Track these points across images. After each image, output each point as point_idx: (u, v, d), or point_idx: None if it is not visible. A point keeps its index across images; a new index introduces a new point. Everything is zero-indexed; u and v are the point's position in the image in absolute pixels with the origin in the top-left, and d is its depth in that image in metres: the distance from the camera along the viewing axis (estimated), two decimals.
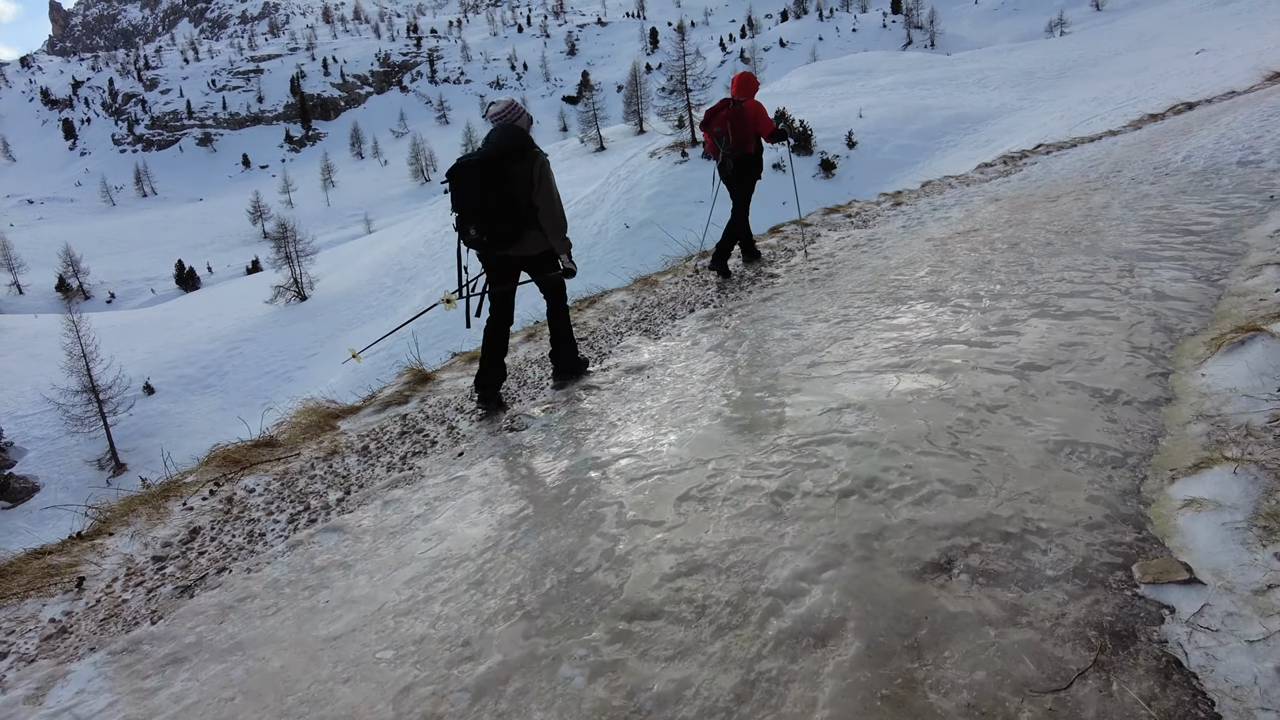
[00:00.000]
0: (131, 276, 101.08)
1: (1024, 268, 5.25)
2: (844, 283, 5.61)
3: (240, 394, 46.26)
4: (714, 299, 5.71)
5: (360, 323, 51.68)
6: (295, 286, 60.36)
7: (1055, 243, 5.82)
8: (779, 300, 5.44)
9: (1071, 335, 3.91)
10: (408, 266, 58.72)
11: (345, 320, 54.26)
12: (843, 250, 6.66)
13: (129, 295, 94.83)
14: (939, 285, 5.10)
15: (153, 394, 47.90)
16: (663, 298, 6.01)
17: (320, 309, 58.48)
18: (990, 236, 6.31)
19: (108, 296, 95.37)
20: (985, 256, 5.70)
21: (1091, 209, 6.77)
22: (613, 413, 3.80)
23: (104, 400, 43.98)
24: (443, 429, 3.93)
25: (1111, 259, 5.15)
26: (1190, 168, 7.68)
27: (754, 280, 6.07)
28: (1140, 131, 11.18)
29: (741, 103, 6.60)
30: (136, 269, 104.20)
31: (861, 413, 3.31)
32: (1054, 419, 3.07)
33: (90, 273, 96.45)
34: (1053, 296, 4.53)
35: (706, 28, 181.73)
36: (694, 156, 46.11)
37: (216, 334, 55.18)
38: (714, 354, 4.51)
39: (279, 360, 50.81)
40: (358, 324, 51.23)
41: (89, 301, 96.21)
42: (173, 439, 41.54)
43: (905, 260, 5.94)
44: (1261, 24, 49.09)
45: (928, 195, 8.93)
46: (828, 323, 4.66)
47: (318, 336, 52.76)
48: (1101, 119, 22.32)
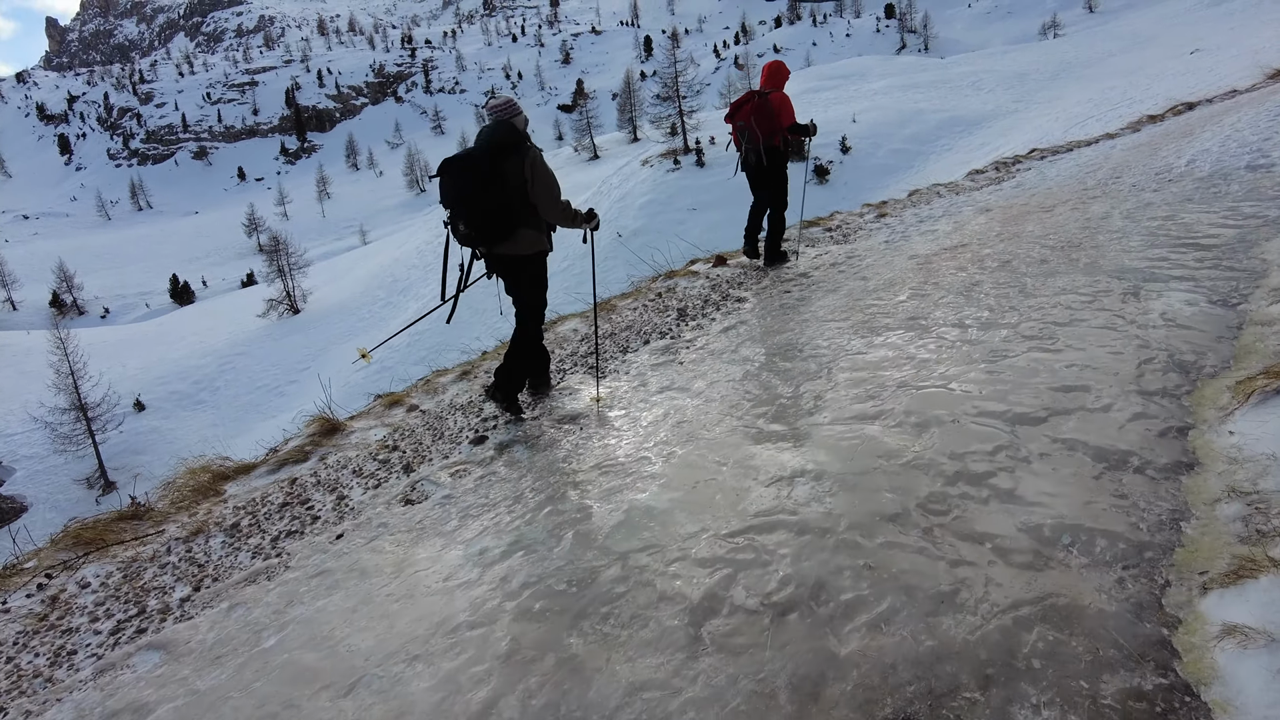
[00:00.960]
0: (126, 291, 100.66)
1: (1016, 290, 4.68)
2: (816, 309, 5.04)
3: (232, 409, 45.73)
4: (672, 328, 5.14)
5: (353, 335, 51.13)
6: (288, 299, 59.87)
7: (1051, 260, 5.25)
8: (741, 330, 4.87)
9: (1071, 376, 3.33)
10: (400, 278, 58.25)
11: (338, 333, 53.69)
12: (818, 270, 6.08)
13: (123, 310, 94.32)
14: (920, 312, 4.53)
15: (144, 410, 47.26)
16: (618, 326, 5.44)
17: (313, 322, 57.95)
18: (980, 253, 5.74)
19: (102, 311, 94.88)
20: (973, 277, 5.12)
21: (1090, 220, 6.20)
22: (528, 481, 3.22)
23: (93, 418, 43.41)
24: (330, 499, 3.34)
25: (1114, 279, 4.57)
26: (1195, 173, 7.12)
27: (719, 305, 5.50)
28: (1139, 134, 10.63)
29: (768, 94, 6.44)
30: (131, 283, 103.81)
31: (818, 483, 2.73)
32: (1051, 493, 2.49)
33: (84, 288, 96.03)
34: (1049, 326, 3.96)
35: (700, 34, 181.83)
36: (686, 164, 45.68)
37: (209, 348, 54.60)
38: (660, 399, 3.94)
39: (271, 374, 50.22)
40: (350, 336, 50.66)
41: (83, 317, 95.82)
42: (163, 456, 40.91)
43: (885, 282, 5.37)
44: (1255, 24, 48.77)
45: (914, 205, 8.37)
46: (792, 360, 4.08)
47: (310, 350, 52.20)
48: (1097, 120, 21.81)
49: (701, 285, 6.08)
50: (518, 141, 3.92)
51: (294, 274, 60.88)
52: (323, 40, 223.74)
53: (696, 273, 6.49)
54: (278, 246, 61.15)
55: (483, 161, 3.81)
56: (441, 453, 3.67)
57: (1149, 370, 3.29)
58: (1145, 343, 3.58)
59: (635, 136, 72.10)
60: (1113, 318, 3.95)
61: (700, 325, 5.10)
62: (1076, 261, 5.10)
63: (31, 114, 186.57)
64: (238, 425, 41.47)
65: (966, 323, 4.22)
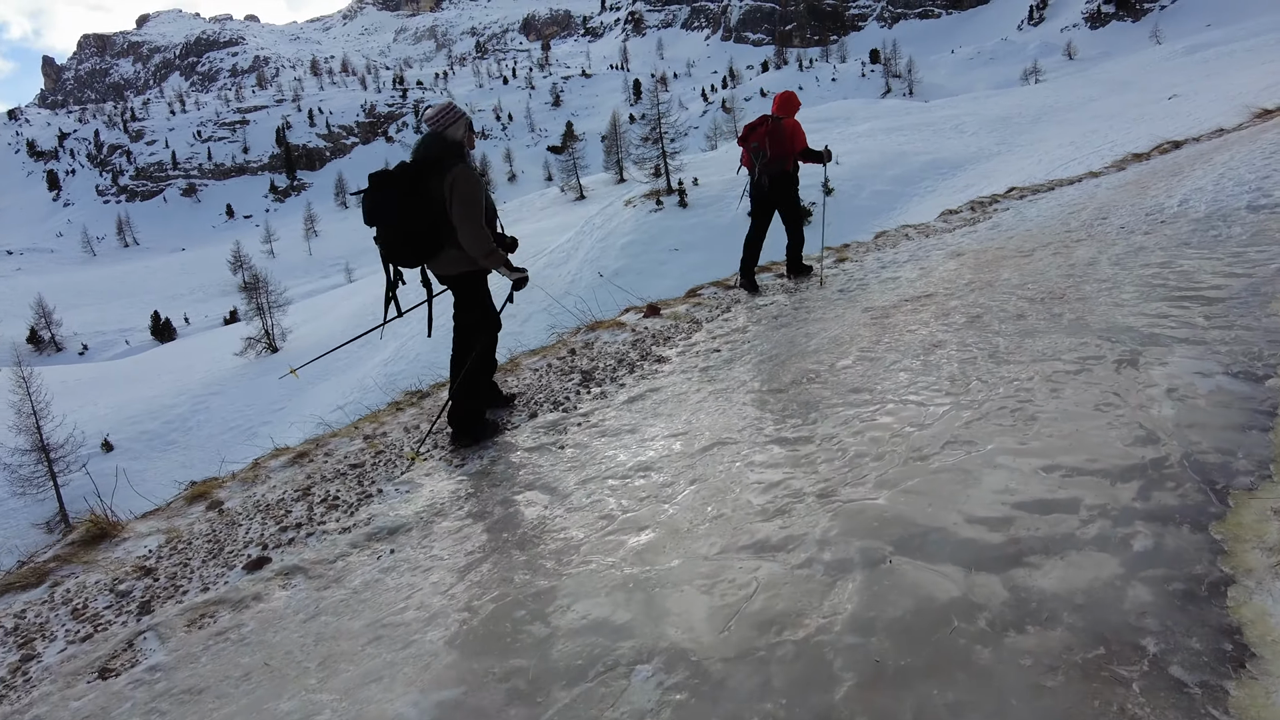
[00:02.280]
0: (106, 328, 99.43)
1: (986, 354, 3.78)
2: (743, 374, 4.12)
3: (203, 451, 44.39)
4: (570, 397, 4.20)
5: (330, 375, 50.06)
6: (266, 338, 58.85)
7: (1029, 315, 4.37)
8: (650, 401, 3.94)
9: (1051, 486, 2.42)
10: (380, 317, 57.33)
11: (316, 373, 52.57)
12: (758, 324, 5.18)
13: (103, 347, 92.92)
14: (865, 383, 3.62)
15: (111, 451, 45.78)
16: (511, 391, 4.51)
17: (291, 361, 56.86)
18: (946, 305, 4.86)
19: (80, 348, 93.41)
20: (935, 335, 4.23)
21: (1074, 266, 5.36)
22: (279, 642, 2.24)
23: (55, 459, 41.92)
24: (16, 658, 2.35)
25: (1105, 340, 3.69)
26: (1190, 213, 6.32)
27: (633, 367, 4.57)
28: (1124, 172, 9.93)
29: (780, 120, 6.60)
30: (112, 320, 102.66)
31: (665, 679, 1.76)
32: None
33: (64, 324, 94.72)
34: (1024, 406, 3.05)
35: (689, 79, 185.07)
36: (669, 205, 45.37)
37: (183, 387, 53.35)
38: (515, 502, 2.98)
39: (245, 415, 48.99)
40: (328, 376, 49.58)
41: (61, 353, 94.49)
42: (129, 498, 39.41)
43: (831, 340, 4.47)
44: (1230, 70, 49.61)
45: (878, 249, 7.53)
46: (692, 453, 3.15)
47: (285, 390, 51.07)
48: (1080, 163, 21.39)
49: (623, 340, 5.16)
50: (444, 156, 3.71)
51: (273, 312, 60.01)
52: (315, 80, 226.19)
53: (623, 324, 5.58)
54: (257, 284, 60.40)
55: (401, 180, 3.65)
56: (203, 581, 2.69)
57: (1159, 478, 2.38)
58: (1150, 433, 2.67)
59: (621, 177, 72.26)
60: (1106, 394, 3.05)
61: (604, 394, 4.16)
62: (1059, 317, 4.22)
63: (22, 150, 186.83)
64: (207, 466, 40.11)
65: (920, 399, 3.31)
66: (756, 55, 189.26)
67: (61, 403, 45.24)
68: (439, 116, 3.82)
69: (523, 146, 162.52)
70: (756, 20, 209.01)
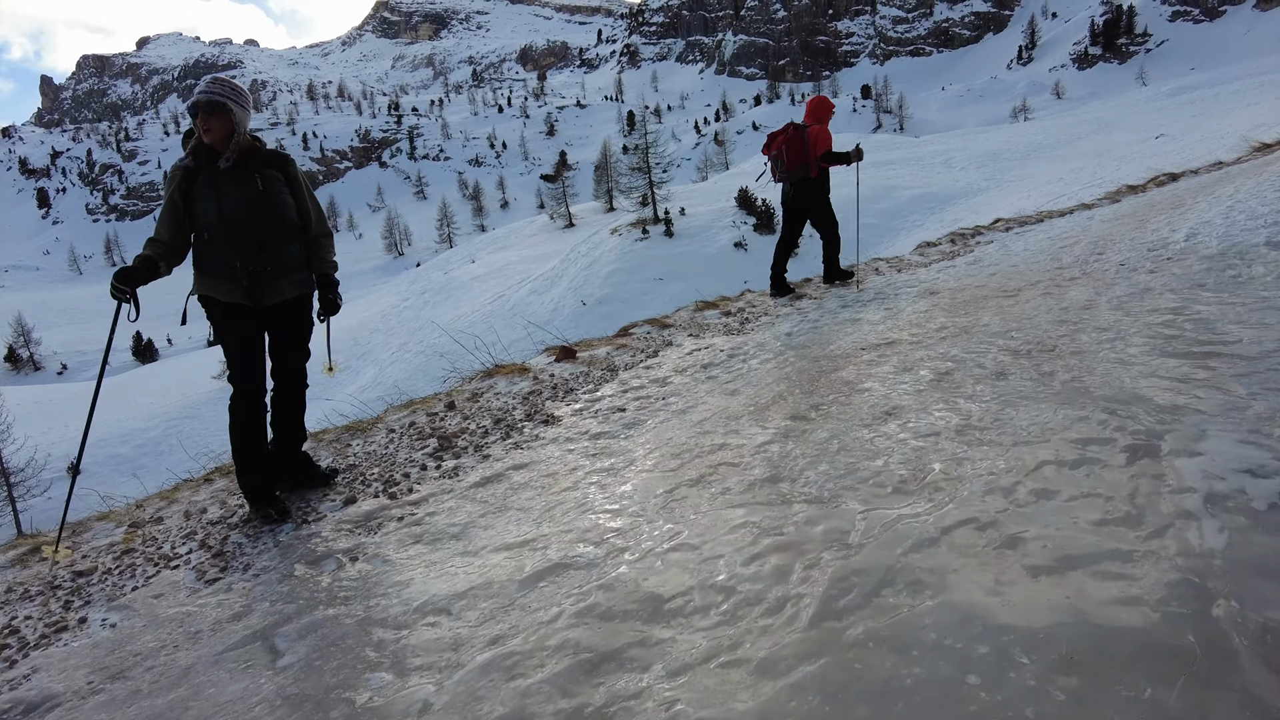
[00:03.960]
0: (87, 347, 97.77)
1: (953, 429, 2.83)
2: (637, 447, 3.15)
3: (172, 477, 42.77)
4: (411, 473, 3.21)
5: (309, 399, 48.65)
6: None
7: (1012, 372, 3.44)
8: (507, 485, 2.96)
9: (1048, 708, 1.44)
10: (361, 342, 56.56)
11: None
12: (682, 374, 4.22)
13: (82, 366, 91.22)
14: (787, 470, 2.66)
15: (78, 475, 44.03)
16: (354, 458, 3.53)
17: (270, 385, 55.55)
18: (911, 356, 3.92)
19: (59, 368, 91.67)
20: (892, 398, 3.28)
21: (1068, 310, 4.44)
22: None
23: (15, 483, 40.37)
24: None
25: (1110, 413, 2.75)
26: (1200, 250, 5.44)
27: (510, 431, 3.58)
28: (1119, 205, 9.11)
29: (805, 127, 6.58)
30: (93, 339, 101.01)
31: None
32: None
33: (43, 343, 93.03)
34: (999, 521, 2.10)
35: (683, 111, 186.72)
36: (655, 234, 44.76)
37: (158, 410, 51.82)
38: (225, 662, 1.98)
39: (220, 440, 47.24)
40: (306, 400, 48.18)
41: (39, 373, 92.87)
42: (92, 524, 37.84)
43: (757, 403, 3.51)
44: (1216, 111, 49.81)
45: (844, 285, 6.63)
46: (519, 580, 2.17)
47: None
48: (1069, 198, 20.75)
49: (518, 391, 4.19)
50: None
51: None
52: (311, 105, 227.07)
53: (528, 370, 4.62)
54: None
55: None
56: None
57: (1217, 683, 1.41)
58: (1192, 584, 1.71)
59: (611, 206, 71.86)
60: (1117, 506, 2.10)
61: (457, 470, 3.18)
62: (1050, 378, 3.28)
63: (14, 168, 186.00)
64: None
65: (854, 503, 2.35)
66: (750, 89, 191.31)
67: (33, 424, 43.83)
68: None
69: (516, 174, 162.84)
70: (750, 55, 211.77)
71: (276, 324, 3.11)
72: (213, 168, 2.90)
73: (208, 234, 2.90)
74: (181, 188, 2.89)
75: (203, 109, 2.87)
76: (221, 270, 2.92)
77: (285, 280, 3.05)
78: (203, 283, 2.97)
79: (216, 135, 2.90)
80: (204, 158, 2.91)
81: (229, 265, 2.90)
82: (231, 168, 2.91)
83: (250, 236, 2.92)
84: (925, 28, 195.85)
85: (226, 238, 2.89)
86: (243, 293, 2.93)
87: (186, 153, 2.94)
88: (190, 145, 2.95)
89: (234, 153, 2.92)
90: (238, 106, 2.93)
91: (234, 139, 2.92)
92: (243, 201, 2.90)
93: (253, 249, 2.92)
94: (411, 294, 61.20)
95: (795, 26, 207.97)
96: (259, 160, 3.00)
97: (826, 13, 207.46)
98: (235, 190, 2.90)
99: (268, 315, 3.06)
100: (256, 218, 2.93)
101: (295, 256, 3.10)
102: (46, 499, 43.03)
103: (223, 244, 2.90)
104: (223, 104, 2.88)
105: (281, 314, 3.09)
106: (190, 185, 2.89)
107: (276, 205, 2.99)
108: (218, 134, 2.90)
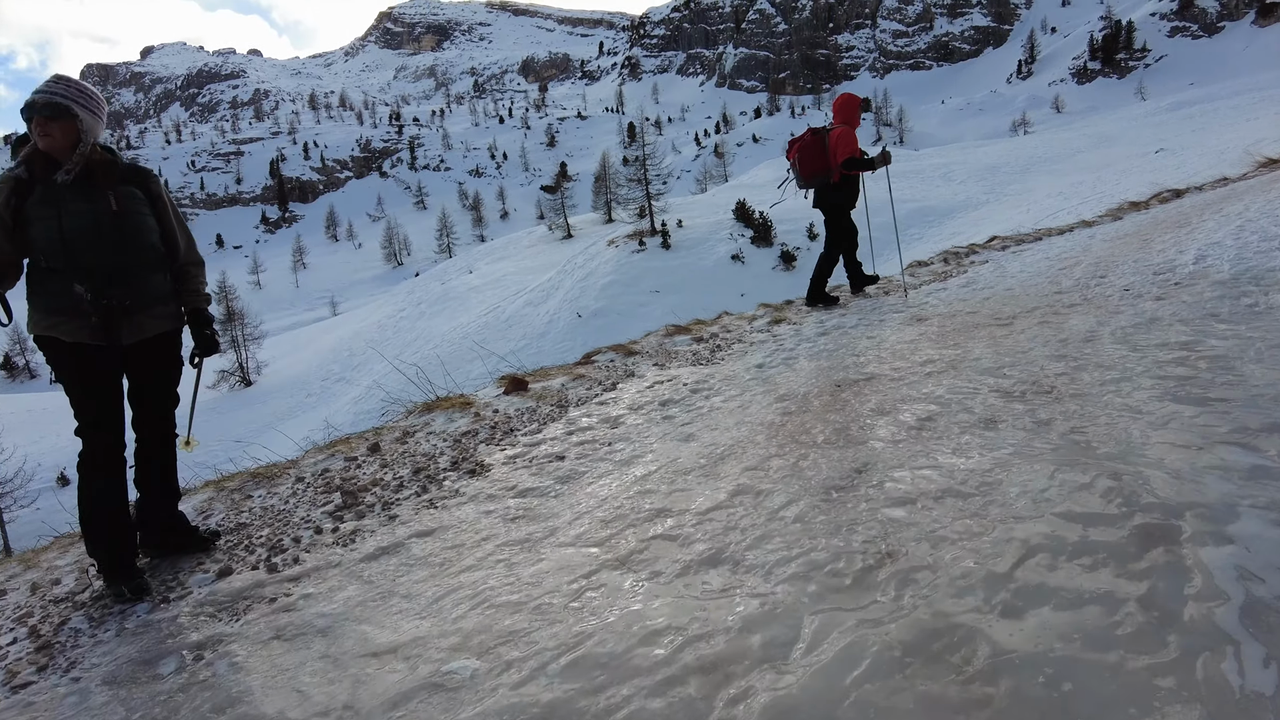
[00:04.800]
0: None
1: (931, 495, 2.38)
2: (569, 507, 2.71)
3: None
4: (303, 538, 2.77)
5: (301, 411, 48.39)
6: (241, 372, 57.22)
7: (1003, 420, 2.99)
8: (403, 558, 2.50)
9: None
10: (357, 353, 56.30)
11: (287, 408, 50.91)
12: (637, 413, 3.76)
13: None
14: (727, 542, 2.22)
15: (68, 485, 43.65)
16: (248, 517, 3.08)
17: (263, 396, 55.36)
18: (891, 397, 3.48)
19: (52, 377, 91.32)
20: (864, 450, 2.84)
21: (1067, 343, 4.00)
22: None
23: (2, 494, 39.86)
24: None
25: (1114, 479, 2.30)
26: (1212, 274, 5.00)
27: (429, 484, 3.12)
28: (1121, 222, 8.70)
29: (826, 131, 6.23)
30: None
31: None
32: None
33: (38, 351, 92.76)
34: (975, 634, 1.65)
35: (683, 123, 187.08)
36: (652, 246, 44.43)
37: None
38: None
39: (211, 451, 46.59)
40: (298, 413, 47.92)
41: (34, 381, 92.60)
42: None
43: (711, 453, 3.06)
44: (1215, 126, 49.66)
45: (826, 308, 6.19)
46: (375, 703, 1.72)
47: (255, 426, 49.28)
48: (1069, 212, 20.38)
49: (451, 432, 3.73)
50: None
51: (248, 345, 58.52)
52: (312, 114, 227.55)
53: (470, 404, 4.17)
54: (231, 318, 59.11)
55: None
56: None
57: None
58: None
59: (610, 217, 71.62)
60: (1126, 626, 1.65)
61: (355, 535, 2.73)
62: (1046, 428, 2.83)
63: None
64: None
65: (801, 598, 1.90)
66: (750, 101, 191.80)
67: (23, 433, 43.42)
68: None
69: (516, 185, 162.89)
70: (751, 68, 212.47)
71: (137, 365, 2.66)
72: (51, 182, 2.46)
73: (46, 261, 2.45)
74: (10, 203, 2.44)
75: (39, 112, 2.43)
76: (65, 304, 2.47)
77: (146, 315, 2.61)
78: (41, 320, 2.51)
79: (57, 144, 2.45)
80: (41, 169, 2.47)
81: (73, 298, 2.46)
82: (76, 182, 2.47)
83: (101, 264, 2.47)
84: (925, 41, 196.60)
85: (71, 265, 2.45)
86: (91, 331, 2.48)
87: (18, 161, 2.50)
88: (24, 153, 2.50)
89: (78, 164, 2.47)
90: (86, 112, 2.49)
91: (78, 149, 2.48)
92: (90, 223, 2.46)
93: (104, 279, 2.48)
94: (408, 304, 60.86)
95: (796, 40, 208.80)
96: (113, 175, 2.56)
97: (827, 26, 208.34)
98: (82, 209, 2.46)
99: (126, 355, 2.61)
100: (108, 242, 2.49)
101: (159, 288, 2.66)
102: (34, 510, 42.51)
103: (66, 273, 2.45)
104: (65, 107, 2.44)
105: (142, 354, 2.65)
106: (22, 201, 2.44)
107: (134, 228, 2.55)
108: (58, 142, 2.45)
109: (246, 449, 13.50)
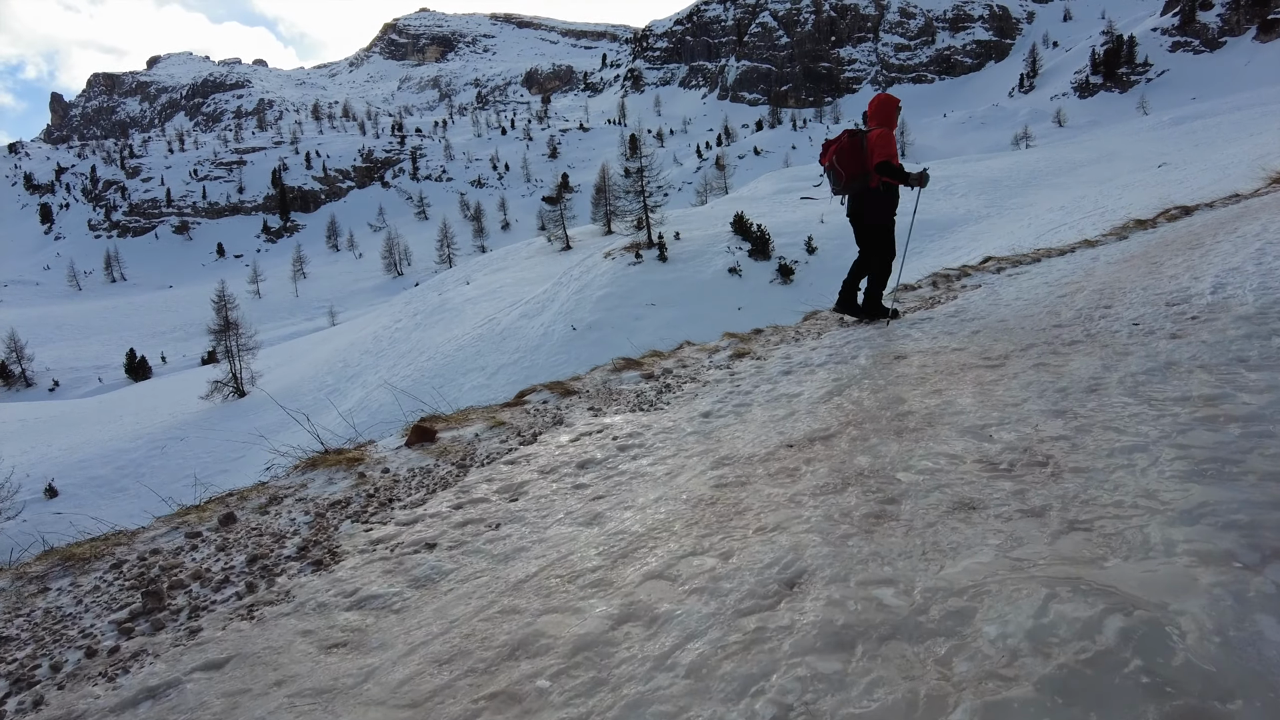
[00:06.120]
0: (81, 364, 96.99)
1: (877, 633, 1.73)
2: (406, 633, 2.06)
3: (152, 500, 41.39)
4: (70, 667, 2.12)
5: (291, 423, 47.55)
6: (234, 382, 56.65)
7: (987, 505, 2.34)
8: (168, 705, 1.86)
9: None
10: (352, 364, 55.83)
11: (279, 420, 50.09)
12: (547, 478, 3.11)
13: (75, 384, 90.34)
14: (594, 707, 1.56)
15: (55, 496, 43.07)
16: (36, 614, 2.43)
17: (257, 407, 54.73)
18: (847, 467, 2.82)
19: (51, 385, 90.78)
20: (798, 553, 2.18)
21: (1066, 394, 3.35)
22: None
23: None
24: None
25: (1127, 618, 1.65)
26: (1234, 307, 4.34)
27: (260, 580, 2.49)
28: (1127, 242, 8.05)
29: (864, 133, 5.97)
30: (88, 356, 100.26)
31: None
32: None
33: (36, 359, 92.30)
34: None
35: (685, 135, 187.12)
36: (649, 258, 43.87)
37: (142, 431, 50.82)
38: None
39: (203, 463, 46.44)
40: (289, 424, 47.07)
41: (30, 389, 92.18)
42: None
43: (614, 545, 2.40)
44: (1218, 141, 49.14)
45: (796, 340, 5.51)
46: None
47: (247, 438, 48.63)
48: (1071, 227, 19.75)
49: (324, 499, 3.08)
50: None
51: (243, 355, 57.99)
52: (315, 124, 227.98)
53: (359, 461, 3.51)
54: (226, 328, 58.63)
55: None
56: None
57: None
58: None
59: (609, 229, 71.21)
60: None
61: (130, 663, 2.08)
62: (1039, 521, 2.18)
63: (19, 183, 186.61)
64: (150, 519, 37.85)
65: None
66: (752, 114, 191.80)
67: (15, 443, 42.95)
68: None
69: (518, 196, 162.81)
70: (753, 80, 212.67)
71: None
72: None
73: None
74: None
75: None
76: None
77: None
78: None
79: None
80: None
81: None
82: None
83: None
84: (927, 55, 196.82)
85: None
86: None
87: None
88: None
89: None
90: None
91: None
92: None
93: None
94: (405, 315, 60.37)
95: (798, 53, 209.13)
96: None
97: (829, 39, 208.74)
98: None
99: None
100: None
101: None
102: (21, 522, 41.79)
103: None
104: None
105: None
106: None
107: None
108: None
109: (213, 477, 12.78)
